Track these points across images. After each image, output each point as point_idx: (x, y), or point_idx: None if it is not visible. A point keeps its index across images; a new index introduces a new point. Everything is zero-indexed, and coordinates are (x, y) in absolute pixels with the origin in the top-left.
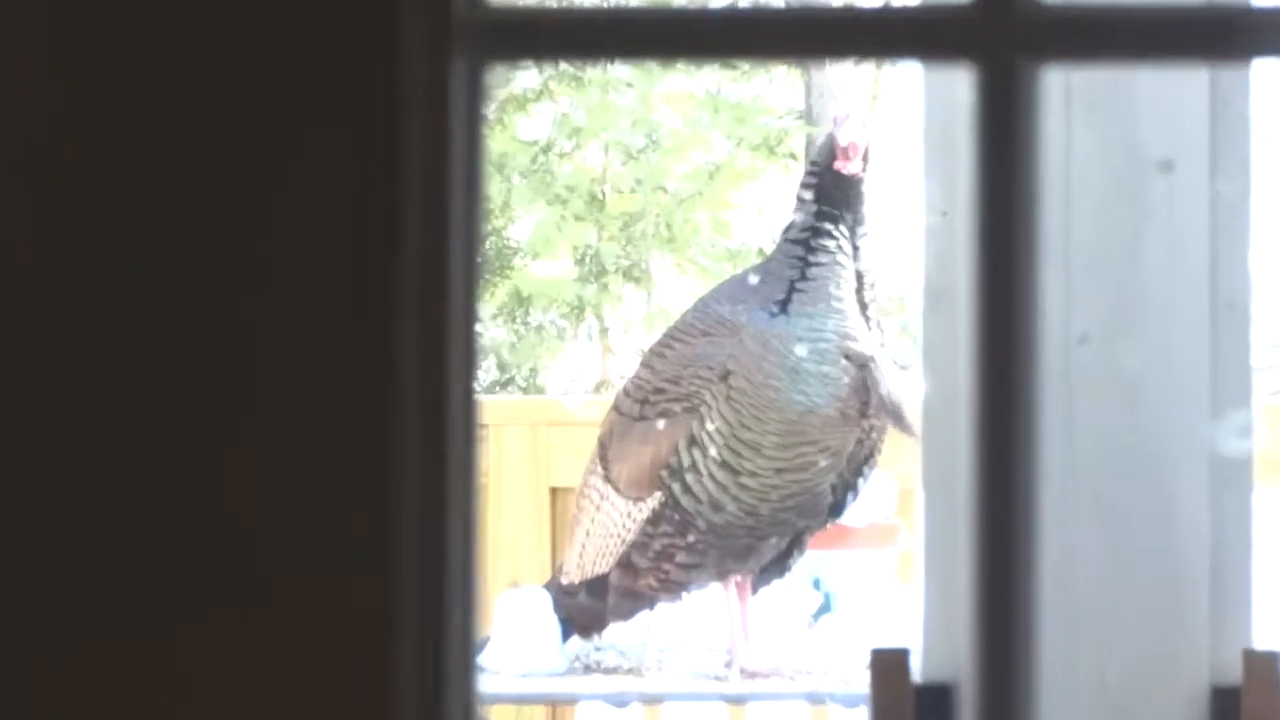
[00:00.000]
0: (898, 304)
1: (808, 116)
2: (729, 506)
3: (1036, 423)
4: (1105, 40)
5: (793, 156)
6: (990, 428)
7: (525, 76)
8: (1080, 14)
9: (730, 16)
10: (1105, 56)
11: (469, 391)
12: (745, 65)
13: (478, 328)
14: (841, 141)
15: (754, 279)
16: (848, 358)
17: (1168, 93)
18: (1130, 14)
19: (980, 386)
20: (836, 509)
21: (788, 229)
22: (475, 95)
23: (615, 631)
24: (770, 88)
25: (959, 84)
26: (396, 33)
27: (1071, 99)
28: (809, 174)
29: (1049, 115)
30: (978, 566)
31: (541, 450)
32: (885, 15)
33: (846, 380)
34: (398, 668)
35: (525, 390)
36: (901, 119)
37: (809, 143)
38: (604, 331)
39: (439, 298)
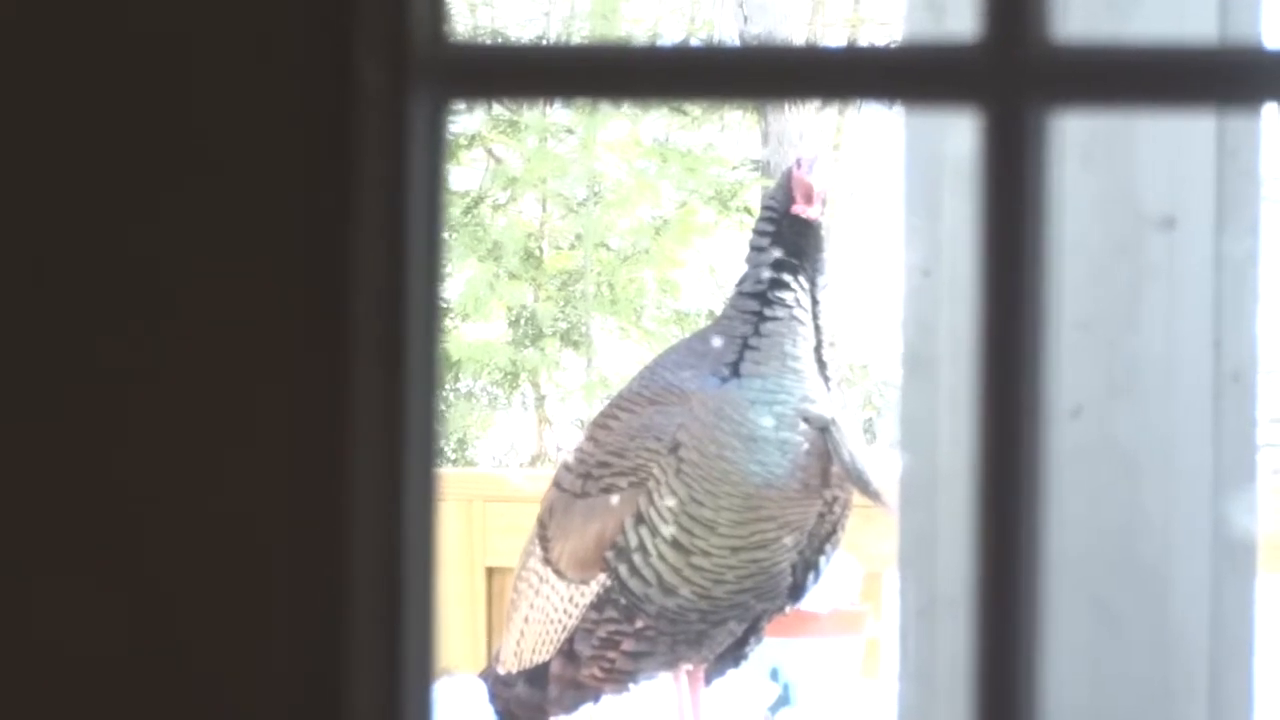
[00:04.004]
0: (860, 372)
1: (764, 168)
2: (681, 589)
3: (1042, 508)
4: (1122, 82)
5: (747, 211)
6: (992, 513)
7: (456, 121)
8: (1096, 54)
9: (715, 54)
10: (1121, 100)
11: (429, 453)
12: (730, 106)
13: (436, 385)
14: (804, 184)
15: (717, 341)
16: (806, 421)
17: (1170, 144)
18: (1148, 55)
19: (982, 465)
20: (797, 591)
21: (741, 281)
22: (436, 135)
23: None
24: (723, 135)
25: (943, 134)
26: (351, 68)
27: (1065, 149)
28: (765, 219)
29: None
30: (978, 676)
31: (476, 527)
32: (882, 55)
33: (806, 446)
34: None
35: (454, 463)
36: (866, 170)
37: (765, 196)
38: (540, 400)
39: (396, 350)
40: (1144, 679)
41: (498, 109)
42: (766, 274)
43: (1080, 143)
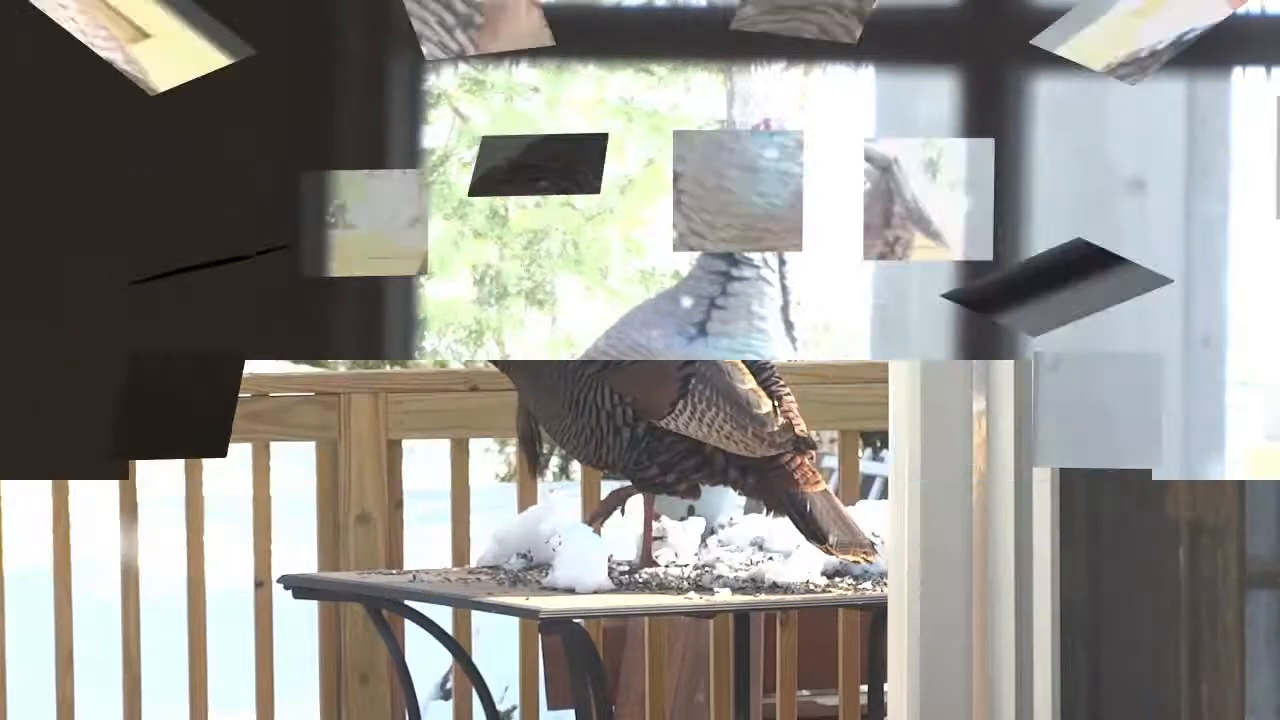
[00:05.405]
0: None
1: (729, 127)
2: None
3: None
4: None
5: None
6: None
7: (423, 80)
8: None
9: (682, 13)
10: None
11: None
12: (715, 67)
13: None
14: None
15: (685, 300)
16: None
17: (1140, 107)
18: None
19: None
20: None
21: None
22: (415, 94)
23: None
24: (689, 96)
25: (914, 95)
26: (334, 21)
27: (1036, 112)
28: None
29: None
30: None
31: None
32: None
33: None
34: None
35: None
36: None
37: None
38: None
39: (376, 305)
40: None
41: (464, 67)
42: None
43: (1050, 104)
